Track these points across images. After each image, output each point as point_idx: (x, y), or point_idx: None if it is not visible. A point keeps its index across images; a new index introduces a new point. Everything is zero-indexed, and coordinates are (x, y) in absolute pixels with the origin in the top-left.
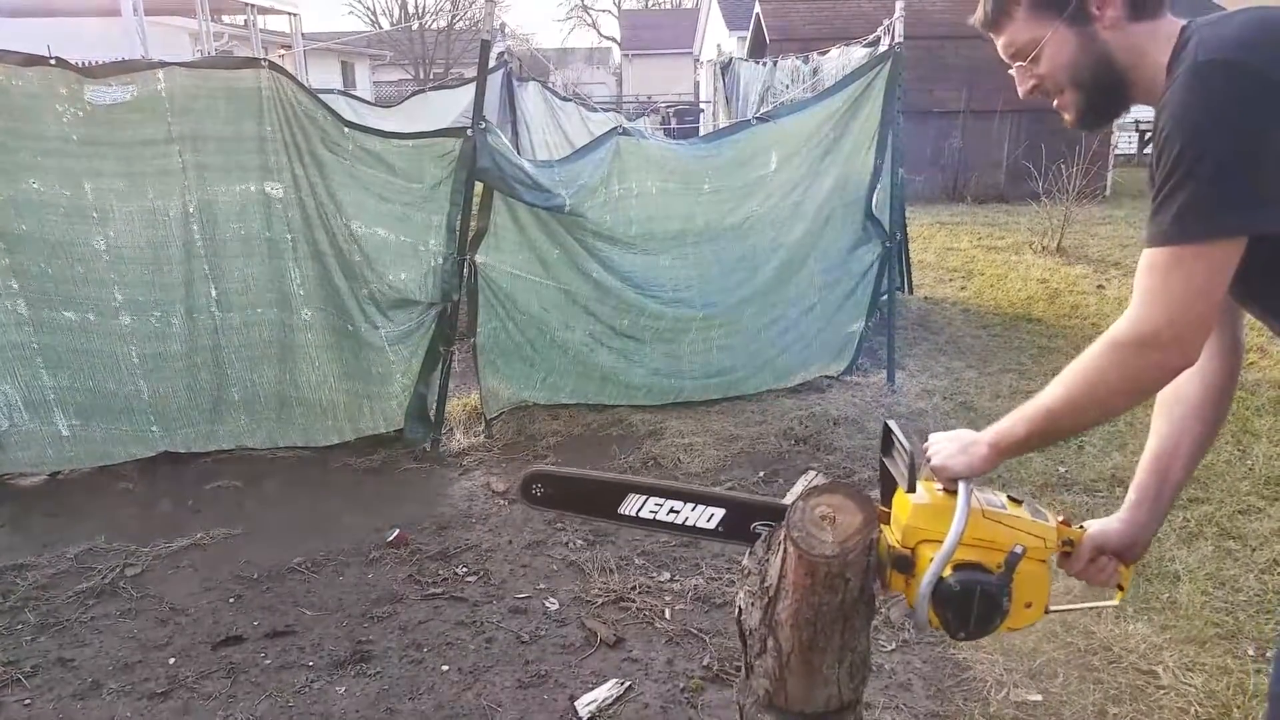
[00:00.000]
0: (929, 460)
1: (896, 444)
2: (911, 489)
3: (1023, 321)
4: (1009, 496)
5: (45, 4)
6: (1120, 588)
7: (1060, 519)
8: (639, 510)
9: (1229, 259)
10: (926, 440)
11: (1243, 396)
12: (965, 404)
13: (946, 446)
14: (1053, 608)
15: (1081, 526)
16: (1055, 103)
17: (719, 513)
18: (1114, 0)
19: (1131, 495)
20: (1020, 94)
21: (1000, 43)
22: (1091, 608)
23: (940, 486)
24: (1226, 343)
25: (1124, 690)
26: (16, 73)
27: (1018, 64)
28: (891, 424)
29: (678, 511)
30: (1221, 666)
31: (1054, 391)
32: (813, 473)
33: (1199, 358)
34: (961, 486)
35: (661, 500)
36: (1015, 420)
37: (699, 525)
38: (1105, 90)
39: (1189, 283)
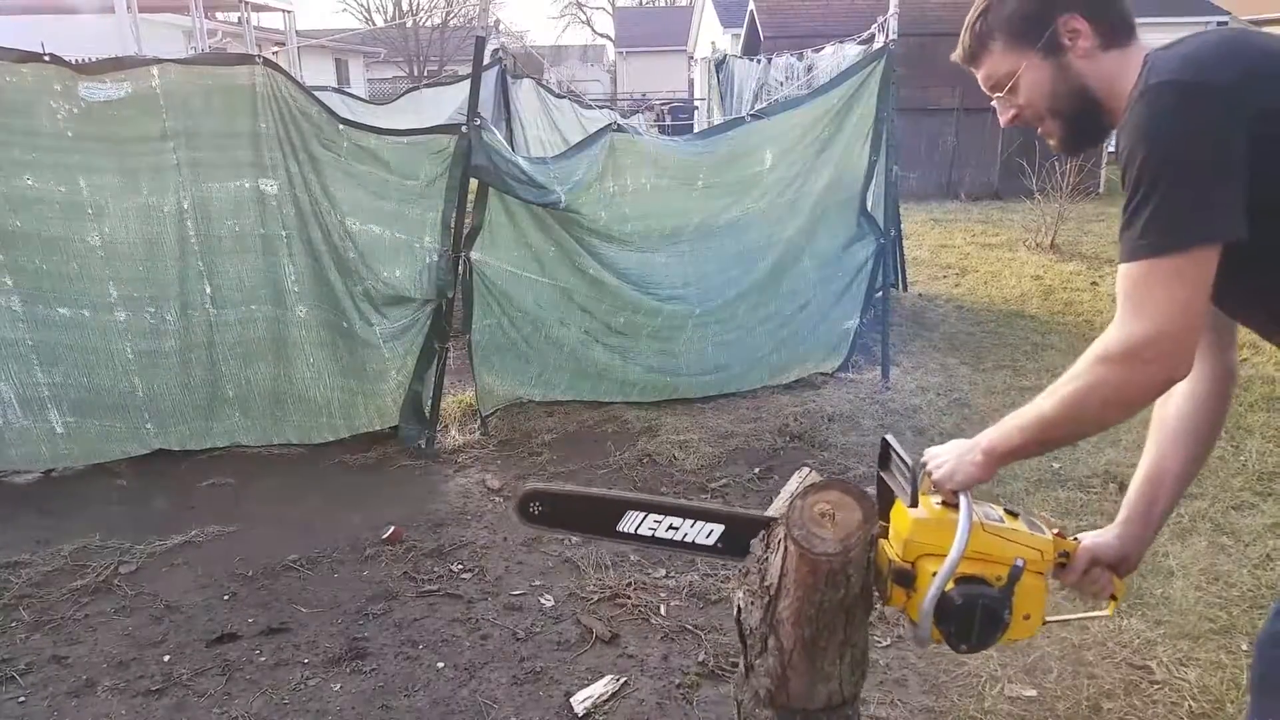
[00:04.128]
0: (929, 474)
1: (896, 458)
2: (914, 503)
3: (1017, 318)
4: (1005, 510)
5: (39, 1)
6: (1113, 598)
7: (1055, 531)
8: (638, 527)
9: (1204, 268)
10: (922, 454)
11: (1235, 393)
12: (959, 400)
13: (946, 458)
14: (1049, 618)
15: (1076, 539)
16: (1039, 130)
17: (718, 529)
18: (1085, 30)
19: (1122, 513)
20: (1002, 123)
21: (980, 75)
22: (1085, 618)
23: (939, 500)
24: (1219, 367)
25: (1118, 685)
26: (11, 69)
27: (997, 95)
28: (890, 438)
29: (676, 528)
30: (1215, 661)
31: (1047, 403)
32: (807, 469)
33: (1190, 370)
34: (963, 499)
35: (661, 517)
36: (1010, 429)
37: (698, 542)
38: (1082, 117)
39: (1169, 295)
